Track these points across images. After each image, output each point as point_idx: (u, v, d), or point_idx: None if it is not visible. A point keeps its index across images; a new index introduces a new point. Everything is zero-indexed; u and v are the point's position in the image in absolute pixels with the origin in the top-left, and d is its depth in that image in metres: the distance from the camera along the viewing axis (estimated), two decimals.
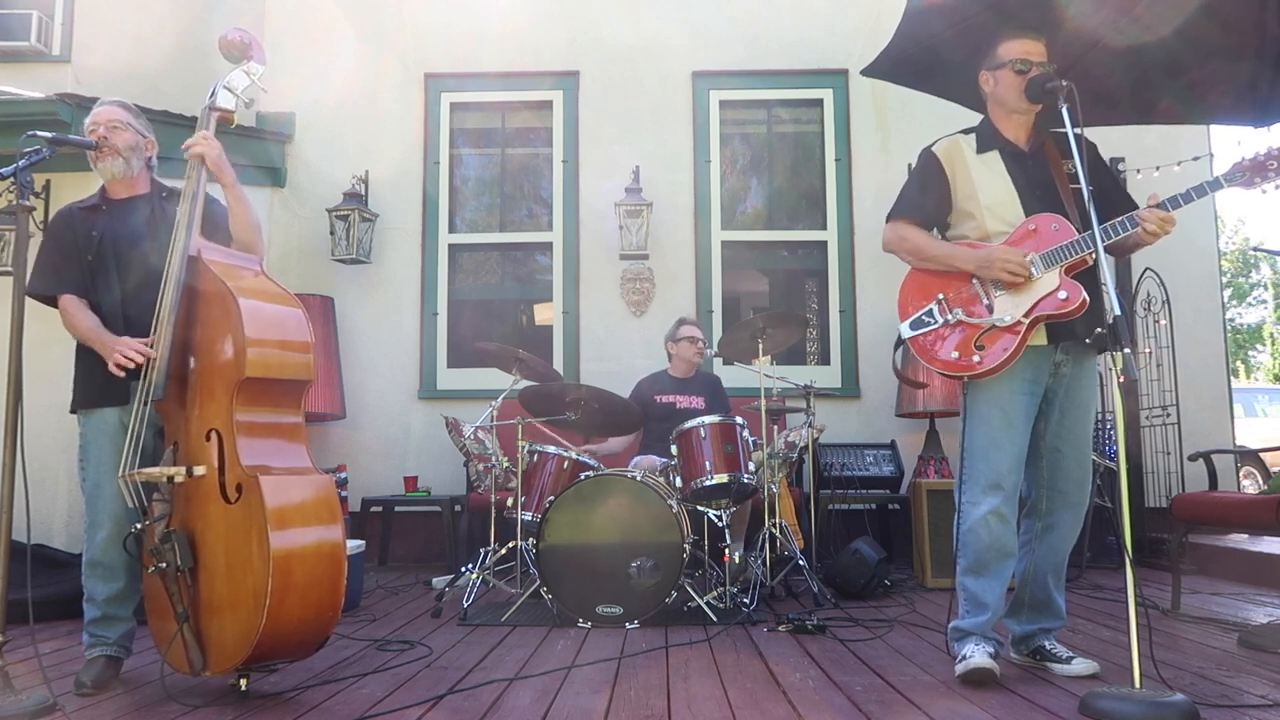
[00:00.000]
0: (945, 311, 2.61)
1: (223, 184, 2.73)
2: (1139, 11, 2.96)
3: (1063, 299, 2.48)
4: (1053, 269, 2.50)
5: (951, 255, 2.63)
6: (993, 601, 2.54)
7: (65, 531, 4.47)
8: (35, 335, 2.63)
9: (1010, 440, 2.54)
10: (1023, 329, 2.50)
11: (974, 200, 2.64)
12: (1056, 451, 2.64)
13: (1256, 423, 10.41)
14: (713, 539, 3.98)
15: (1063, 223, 2.53)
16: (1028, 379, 2.56)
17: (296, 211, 5.83)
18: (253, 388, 2.46)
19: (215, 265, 2.56)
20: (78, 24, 6.41)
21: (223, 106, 2.79)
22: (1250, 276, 23.57)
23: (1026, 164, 2.66)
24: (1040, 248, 2.52)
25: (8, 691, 2.34)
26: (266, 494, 2.34)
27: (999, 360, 2.50)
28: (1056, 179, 2.62)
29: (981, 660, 2.47)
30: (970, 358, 2.54)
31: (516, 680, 2.65)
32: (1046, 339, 2.55)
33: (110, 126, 2.76)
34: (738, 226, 5.96)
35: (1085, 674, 2.57)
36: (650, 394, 4.65)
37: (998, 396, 2.55)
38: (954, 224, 2.73)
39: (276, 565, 2.30)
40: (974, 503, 2.56)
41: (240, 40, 2.82)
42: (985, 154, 2.69)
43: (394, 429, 5.68)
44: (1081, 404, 2.64)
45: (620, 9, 5.99)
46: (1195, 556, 4.84)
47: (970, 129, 2.77)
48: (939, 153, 2.72)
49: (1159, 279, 5.31)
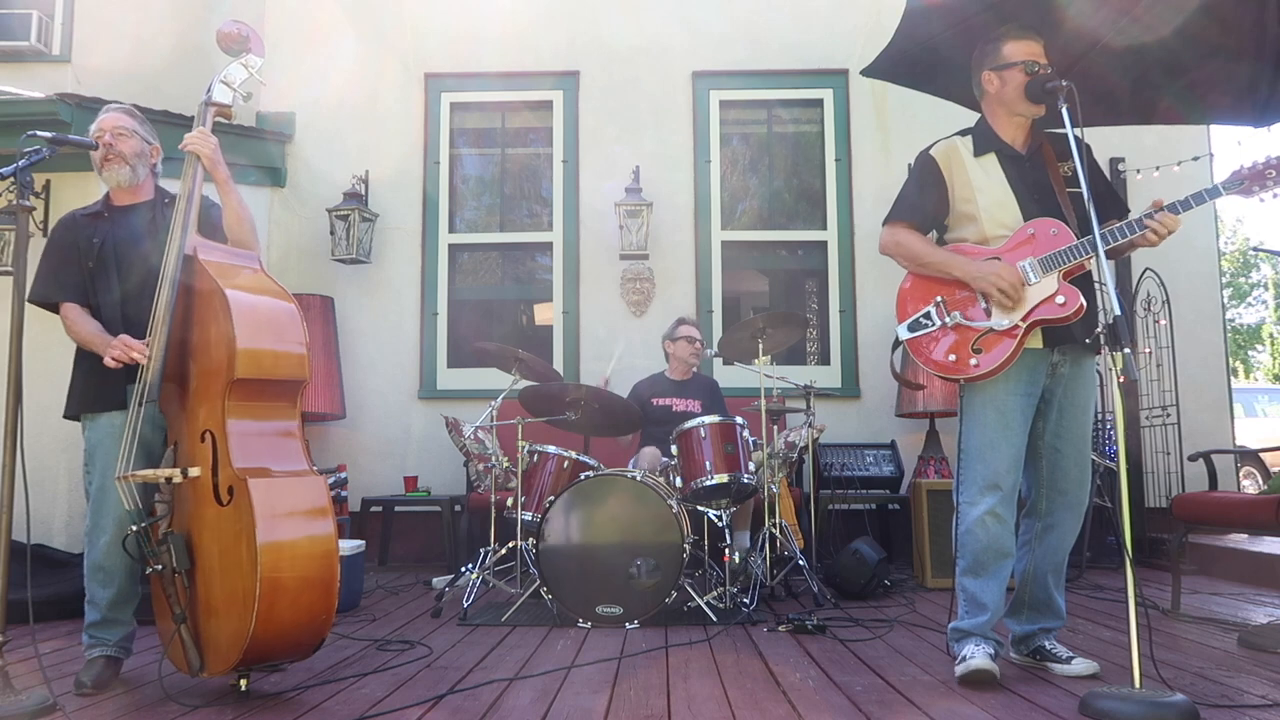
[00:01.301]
0: (943, 314, 2.61)
1: (216, 180, 2.72)
2: (1139, 11, 2.96)
3: (1060, 304, 2.49)
4: (1051, 274, 2.51)
5: (947, 263, 2.62)
6: (992, 602, 2.55)
7: (65, 531, 4.47)
8: (35, 336, 2.63)
9: (1007, 441, 2.55)
10: (1019, 333, 2.51)
11: (972, 203, 2.65)
12: (1055, 451, 2.65)
13: (1256, 423, 10.42)
14: (713, 539, 3.98)
15: (1061, 228, 2.53)
16: (1025, 381, 2.57)
17: (296, 211, 5.83)
18: (245, 388, 2.45)
19: (210, 265, 2.55)
20: (78, 24, 6.41)
21: (219, 101, 2.76)
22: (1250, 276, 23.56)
23: (1024, 166, 2.66)
24: (1038, 253, 2.53)
25: (8, 691, 2.34)
26: (255, 497, 2.33)
27: (996, 364, 2.51)
28: (1054, 182, 2.62)
29: (981, 661, 2.47)
30: (967, 361, 2.55)
31: (516, 680, 2.65)
32: (1043, 342, 2.56)
33: (116, 134, 2.76)
34: (738, 226, 5.97)
35: (1085, 674, 2.57)
36: (648, 397, 4.65)
37: (994, 398, 2.56)
38: (952, 226, 2.72)
39: (265, 567, 2.29)
40: (971, 503, 2.57)
41: (237, 33, 2.80)
42: (982, 157, 2.68)
43: (394, 429, 5.68)
44: (1080, 404, 2.65)
45: (620, 9, 5.99)
46: (1195, 556, 4.84)
47: (966, 130, 2.77)
48: (937, 155, 2.71)
49: (1159, 279, 5.31)
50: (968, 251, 2.63)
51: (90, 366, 2.70)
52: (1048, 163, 2.66)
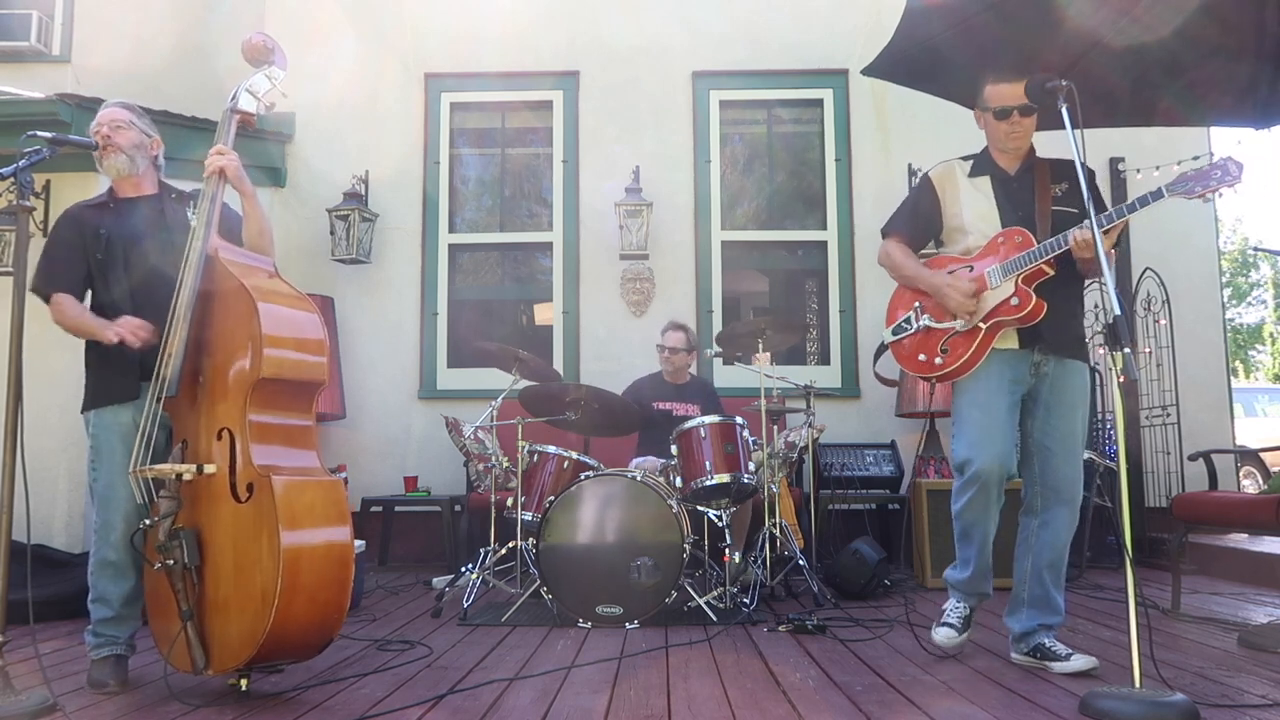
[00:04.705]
0: (918, 318, 2.87)
1: (242, 194, 2.76)
2: (1139, 12, 2.96)
3: (1015, 305, 2.68)
4: (1009, 278, 2.70)
5: (917, 276, 2.89)
6: (973, 559, 2.81)
7: (65, 531, 4.47)
8: (35, 335, 2.63)
9: (990, 437, 2.70)
10: (981, 333, 2.73)
11: (960, 218, 2.86)
12: (1045, 449, 2.77)
13: (1256, 423, 10.41)
14: (713, 539, 3.98)
15: (1026, 236, 2.71)
16: (1008, 379, 2.74)
17: (296, 211, 5.83)
18: (267, 388, 2.47)
19: (233, 265, 2.57)
20: (78, 24, 6.41)
21: (244, 109, 2.81)
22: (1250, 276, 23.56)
23: (1011, 186, 2.84)
24: (1003, 259, 2.72)
25: (8, 691, 2.34)
26: (278, 494, 2.34)
27: (959, 362, 2.75)
28: (1038, 198, 2.78)
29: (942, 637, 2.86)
30: (934, 359, 2.81)
31: (516, 680, 2.65)
32: (1018, 344, 2.74)
33: (113, 126, 2.78)
34: (738, 226, 5.96)
35: (1084, 669, 2.59)
36: (648, 398, 4.64)
37: (979, 397, 2.75)
38: (947, 240, 2.95)
39: (286, 565, 2.30)
40: (960, 490, 2.79)
41: (263, 44, 2.85)
42: (977, 178, 2.88)
43: (394, 429, 5.68)
44: (1068, 403, 2.76)
45: (620, 9, 5.99)
46: (1195, 556, 4.84)
47: (970, 155, 2.95)
48: (934, 176, 2.94)
49: (1159, 279, 5.31)
50: (942, 264, 2.86)
51: (99, 359, 2.71)
52: (1038, 181, 2.81)
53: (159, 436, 2.62)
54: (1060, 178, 2.79)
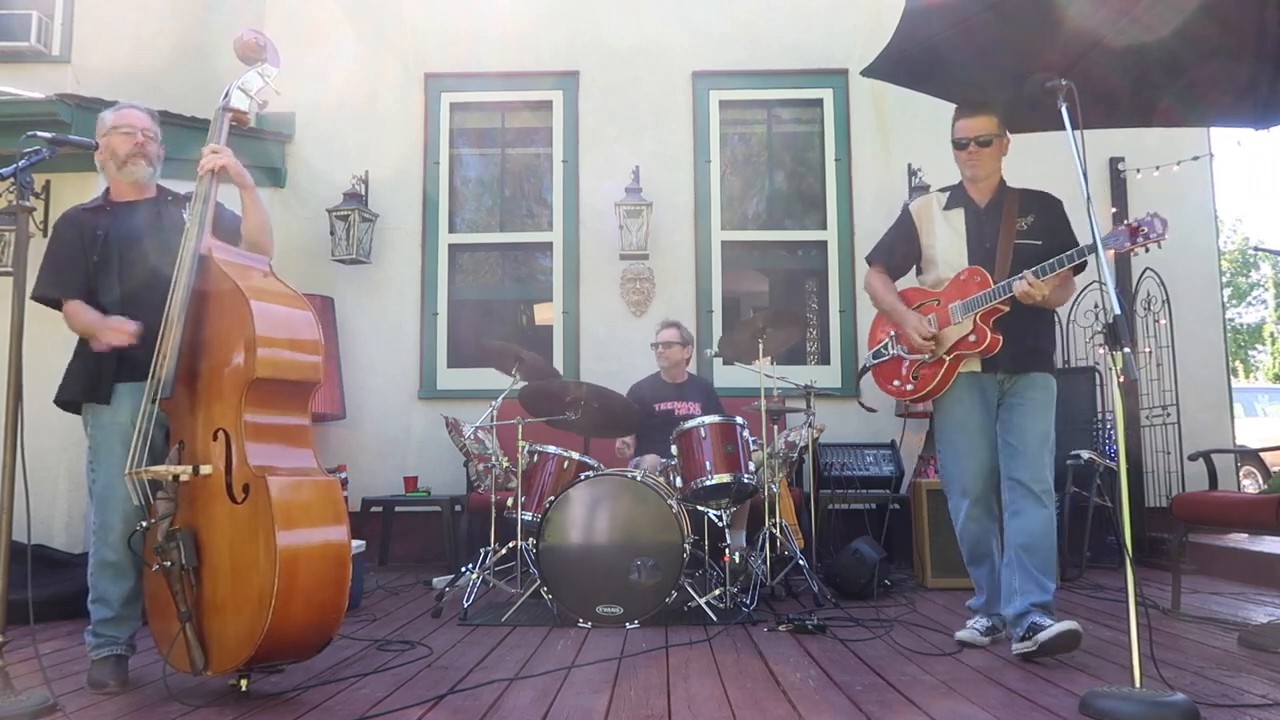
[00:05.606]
0: (893, 346, 3.16)
1: (242, 189, 2.77)
2: (1139, 12, 2.96)
3: (973, 341, 2.97)
4: (969, 315, 2.97)
5: (892, 311, 3.16)
6: (984, 583, 3.09)
7: (65, 531, 4.47)
8: (35, 335, 2.63)
9: (972, 455, 3.02)
10: (945, 363, 3.03)
11: (933, 249, 3.12)
12: (1008, 446, 2.99)
13: (1256, 423, 10.41)
14: (713, 539, 3.98)
15: (985, 276, 2.97)
16: (979, 401, 3.04)
17: (296, 211, 5.83)
18: (262, 388, 2.47)
19: (227, 265, 2.57)
20: (78, 24, 6.41)
21: (236, 107, 2.81)
22: (1250, 276, 23.56)
23: (981, 218, 3.05)
24: (964, 297, 2.99)
25: (8, 691, 2.34)
26: (274, 494, 2.34)
27: (928, 388, 3.06)
28: (1003, 232, 2.99)
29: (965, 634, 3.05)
30: (905, 385, 3.13)
31: (516, 680, 2.65)
32: (981, 369, 3.01)
33: (147, 135, 2.82)
34: (737, 226, 5.96)
35: (1065, 630, 2.67)
36: (649, 400, 4.64)
37: (956, 419, 3.05)
38: (924, 269, 3.20)
39: (283, 565, 2.30)
40: (956, 508, 3.08)
41: (255, 42, 2.84)
42: (951, 210, 3.10)
43: (394, 429, 5.68)
44: (1029, 402, 2.97)
45: (620, 9, 5.99)
46: (1195, 556, 4.84)
47: (948, 187, 3.16)
48: (913, 209, 3.19)
49: (1159, 279, 5.31)
50: (913, 298, 3.14)
51: (89, 352, 2.71)
52: (1005, 214, 3.00)
53: (157, 435, 2.62)
54: (1027, 210, 3.01)
